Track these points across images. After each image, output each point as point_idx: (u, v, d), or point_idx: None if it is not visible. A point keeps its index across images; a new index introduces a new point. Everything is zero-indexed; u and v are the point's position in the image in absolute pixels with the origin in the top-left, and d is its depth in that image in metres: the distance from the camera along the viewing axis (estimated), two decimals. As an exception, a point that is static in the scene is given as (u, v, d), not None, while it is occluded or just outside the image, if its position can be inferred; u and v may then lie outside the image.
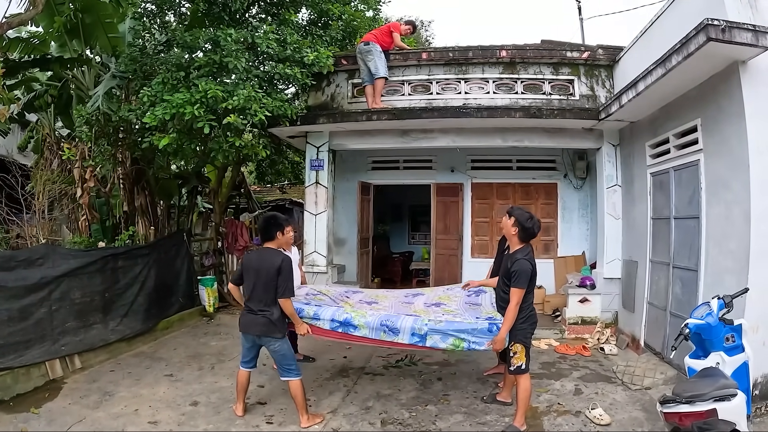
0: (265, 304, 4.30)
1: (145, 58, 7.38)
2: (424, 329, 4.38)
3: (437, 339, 4.38)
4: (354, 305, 5.22)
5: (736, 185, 4.57)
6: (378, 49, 7.33)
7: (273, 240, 4.50)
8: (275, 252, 4.43)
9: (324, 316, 4.58)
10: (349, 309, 4.86)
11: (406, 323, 4.44)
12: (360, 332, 4.50)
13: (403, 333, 4.41)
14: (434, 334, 4.37)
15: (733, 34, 4.11)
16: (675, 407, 3.25)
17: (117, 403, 4.89)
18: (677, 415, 3.22)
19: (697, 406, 3.11)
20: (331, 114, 7.65)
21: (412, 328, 4.40)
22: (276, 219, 4.60)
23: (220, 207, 10.12)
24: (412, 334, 4.39)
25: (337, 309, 4.73)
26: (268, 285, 4.29)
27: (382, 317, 4.54)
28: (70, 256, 6.15)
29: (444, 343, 4.38)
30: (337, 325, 4.54)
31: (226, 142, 6.82)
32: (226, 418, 4.59)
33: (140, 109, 6.67)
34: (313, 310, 4.64)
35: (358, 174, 9.41)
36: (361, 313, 4.66)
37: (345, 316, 4.55)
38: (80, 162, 7.98)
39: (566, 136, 7.44)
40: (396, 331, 4.43)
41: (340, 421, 4.56)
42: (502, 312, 4.35)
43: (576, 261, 8.38)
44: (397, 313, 4.78)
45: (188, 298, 8.49)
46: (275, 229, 4.48)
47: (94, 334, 6.22)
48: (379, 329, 4.45)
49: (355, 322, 4.50)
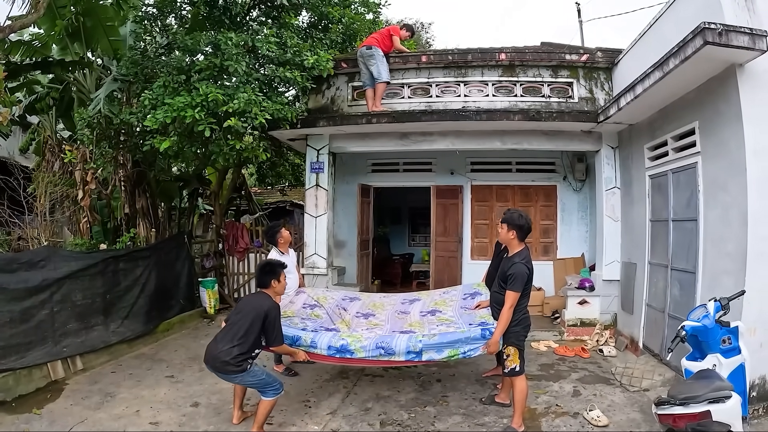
0: (230, 340, 4.05)
1: (146, 62, 7.43)
2: (418, 346, 4.44)
3: (432, 353, 4.45)
4: (350, 322, 5.26)
5: (733, 188, 4.59)
6: (380, 53, 7.37)
7: (268, 288, 4.35)
8: (265, 297, 4.28)
9: (321, 344, 4.58)
10: (345, 333, 4.87)
11: (400, 343, 4.49)
12: (357, 356, 4.53)
13: (398, 353, 4.46)
14: (429, 349, 4.44)
15: (730, 37, 4.12)
16: (669, 409, 3.29)
17: (118, 404, 4.93)
18: (671, 416, 3.25)
19: (691, 407, 3.14)
20: (332, 117, 7.68)
21: (407, 346, 4.45)
22: (270, 267, 4.43)
23: (220, 209, 10.18)
24: (408, 352, 4.44)
25: (333, 335, 4.72)
26: (247, 326, 4.07)
27: (378, 339, 4.58)
28: (71, 258, 6.19)
29: (440, 355, 4.45)
30: (334, 351, 4.55)
31: (227, 145, 6.85)
32: (227, 419, 4.62)
33: (141, 112, 6.70)
34: (310, 338, 4.64)
35: (358, 176, 9.44)
36: (357, 337, 4.68)
37: (341, 343, 4.55)
38: (81, 164, 8.02)
39: (565, 138, 7.47)
40: (392, 352, 4.47)
41: (339, 422, 4.60)
42: (497, 314, 4.40)
43: (575, 263, 8.39)
44: (392, 332, 4.83)
45: (189, 300, 8.53)
46: (269, 278, 4.34)
47: (96, 335, 6.25)
48: (375, 351, 4.49)
49: (352, 347, 4.52)
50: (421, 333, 4.65)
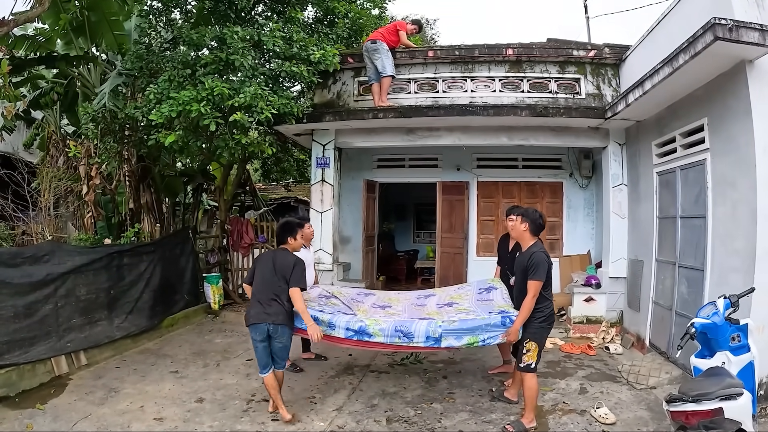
0: (275, 294, 4.34)
1: (151, 56, 7.40)
2: (438, 332, 4.42)
3: (452, 339, 4.43)
4: (367, 311, 5.25)
5: (742, 184, 4.55)
6: (385, 48, 7.33)
7: (285, 243, 4.61)
8: (289, 253, 4.55)
9: (339, 324, 4.59)
10: (363, 316, 4.89)
11: (420, 327, 4.47)
12: (375, 339, 4.52)
13: (417, 337, 4.45)
14: (448, 335, 4.42)
15: (741, 33, 4.10)
16: (681, 406, 3.24)
17: (122, 400, 4.91)
18: (684, 413, 3.21)
19: (704, 404, 3.10)
20: (338, 112, 7.65)
21: (426, 331, 4.44)
22: (288, 225, 4.69)
23: (225, 204, 10.15)
24: (427, 337, 4.43)
25: (351, 317, 4.75)
26: (279, 279, 4.36)
27: (396, 323, 4.57)
28: (75, 253, 6.16)
29: (459, 342, 4.43)
30: (352, 333, 4.55)
31: (232, 139, 6.83)
32: (232, 414, 4.61)
33: (146, 107, 6.68)
34: (328, 318, 4.64)
35: (364, 172, 9.41)
36: (376, 320, 4.67)
37: (359, 325, 4.56)
38: (86, 159, 8.01)
39: (572, 134, 7.42)
40: (410, 336, 4.46)
41: (345, 419, 4.57)
42: (519, 306, 4.36)
43: (581, 260, 8.35)
44: (411, 318, 4.81)
45: (193, 296, 8.52)
46: (286, 235, 4.60)
47: (100, 330, 6.24)
48: (393, 335, 4.48)
49: (370, 330, 4.52)
50: (441, 319, 4.62)
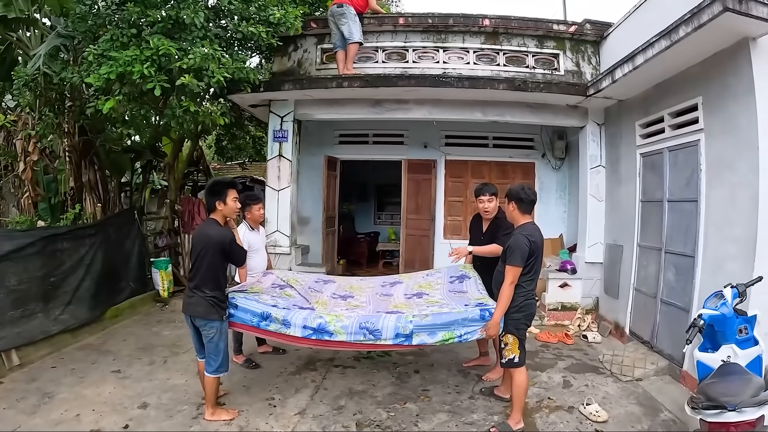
0: (201, 282, 3.88)
1: (96, 18, 6.44)
2: (409, 327, 3.90)
3: (424, 336, 3.92)
4: (327, 303, 4.66)
5: (742, 167, 4.27)
6: (352, 12, 6.70)
7: (214, 211, 4.01)
8: (213, 225, 3.97)
9: (295, 322, 3.99)
10: (322, 310, 4.30)
11: (388, 323, 3.94)
12: (337, 338, 3.94)
13: (385, 334, 3.92)
14: (421, 331, 3.91)
15: (750, 6, 3.83)
16: (722, 416, 2.84)
17: (57, 407, 4.23)
18: (726, 425, 2.82)
19: (745, 414, 2.74)
20: (298, 80, 6.95)
21: (396, 327, 3.92)
22: (216, 186, 4.05)
23: (176, 183, 9.26)
24: (396, 334, 3.91)
25: (309, 313, 4.13)
26: (206, 263, 3.87)
27: (361, 319, 4.02)
28: (3, 238, 5.38)
29: (432, 338, 3.93)
30: (310, 332, 3.95)
31: (180, 107, 6.06)
32: (180, 423, 3.99)
33: (85, 70, 5.82)
34: (282, 315, 4.04)
35: (324, 148, 8.74)
36: (337, 315, 4.10)
37: (318, 321, 3.96)
38: (22, 133, 7.03)
39: (549, 112, 7.04)
40: (377, 334, 3.92)
41: (309, 424, 4.04)
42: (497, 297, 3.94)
43: (553, 244, 8.07)
44: (377, 312, 4.26)
45: (140, 283, 7.74)
46: (214, 199, 3.97)
47: (35, 325, 5.49)
48: (358, 333, 3.93)
49: (331, 327, 3.94)
50: (411, 314, 4.08)
